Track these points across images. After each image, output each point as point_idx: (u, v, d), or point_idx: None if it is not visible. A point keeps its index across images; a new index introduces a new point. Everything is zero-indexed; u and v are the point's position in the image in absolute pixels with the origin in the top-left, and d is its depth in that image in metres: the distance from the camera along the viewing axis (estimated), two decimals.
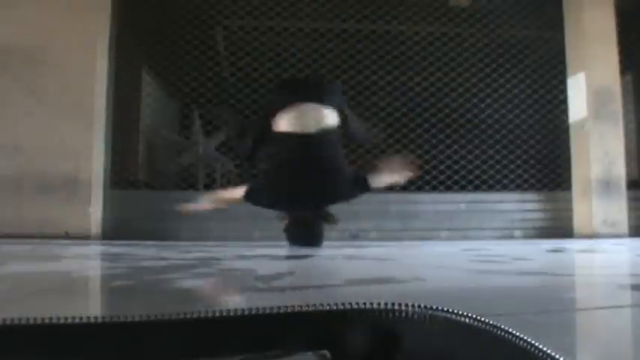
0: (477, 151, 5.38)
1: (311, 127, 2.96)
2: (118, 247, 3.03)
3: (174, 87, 5.96)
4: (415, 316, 0.33)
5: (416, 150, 5.28)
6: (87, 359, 0.31)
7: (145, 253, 2.60)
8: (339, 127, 3.07)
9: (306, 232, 3.13)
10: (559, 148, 5.29)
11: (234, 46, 5.59)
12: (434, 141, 5.42)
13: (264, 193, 3.03)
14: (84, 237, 4.02)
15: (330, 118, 3.02)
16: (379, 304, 0.33)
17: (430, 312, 0.33)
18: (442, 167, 5.25)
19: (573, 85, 4.90)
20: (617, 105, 4.74)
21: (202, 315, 0.32)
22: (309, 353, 0.33)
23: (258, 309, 0.33)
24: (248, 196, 3.06)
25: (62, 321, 0.31)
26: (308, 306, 0.34)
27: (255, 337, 0.33)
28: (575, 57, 4.92)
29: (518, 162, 5.23)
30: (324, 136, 2.97)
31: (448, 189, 5.10)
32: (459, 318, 0.33)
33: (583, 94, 4.76)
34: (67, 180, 4.13)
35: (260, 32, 5.53)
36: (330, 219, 3.13)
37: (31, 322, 0.30)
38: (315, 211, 3.09)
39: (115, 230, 4.32)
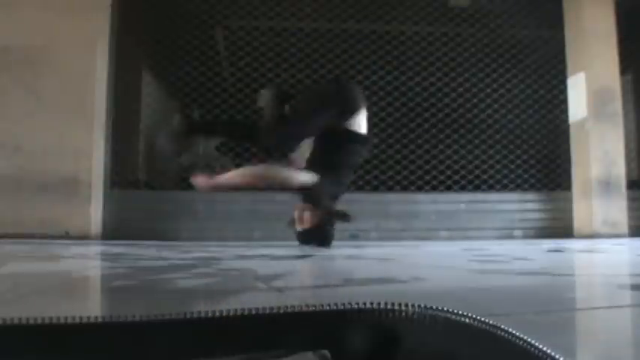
0: (477, 151, 5.38)
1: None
2: (118, 247, 3.03)
3: (174, 87, 5.96)
4: (415, 316, 0.33)
5: (416, 150, 5.29)
6: (87, 359, 0.31)
7: (145, 253, 2.60)
8: None
9: (326, 233, 3.15)
10: (559, 148, 5.29)
11: (234, 46, 5.59)
12: (434, 141, 5.42)
13: (326, 190, 3.14)
14: (84, 237, 4.02)
15: None
16: (379, 304, 0.33)
17: (430, 312, 0.33)
18: (442, 167, 5.25)
19: (573, 85, 4.90)
20: (617, 105, 4.74)
21: (202, 315, 0.32)
22: (309, 353, 0.33)
23: (258, 309, 0.33)
24: (310, 191, 3.09)
25: (62, 321, 0.31)
26: (308, 306, 0.34)
27: (255, 337, 0.33)
28: (575, 57, 4.92)
29: (518, 162, 5.23)
30: None
31: (448, 189, 5.10)
32: (459, 318, 0.33)
33: (583, 94, 4.76)
34: (67, 180, 4.13)
35: (260, 32, 5.53)
36: (347, 216, 3.13)
37: (31, 322, 0.30)
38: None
39: (115, 230, 4.32)
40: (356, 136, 3.13)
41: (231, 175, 3.17)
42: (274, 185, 3.21)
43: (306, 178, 3.03)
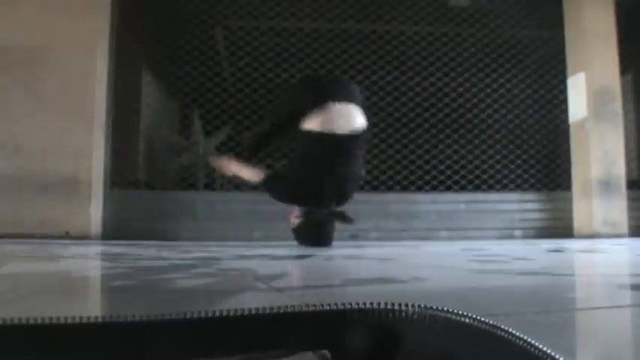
0: (477, 151, 5.38)
1: (343, 129, 2.98)
2: (118, 247, 3.03)
3: (174, 87, 5.96)
4: (415, 316, 0.33)
5: (416, 150, 5.29)
6: (87, 359, 0.31)
7: (145, 253, 2.60)
8: (365, 130, 3.10)
9: (318, 232, 3.15)
10: (559, 148, 5.30)
11: (234, 46, 5.59)
12: (434, 141, 5.42)
13: (287, 187, 3.10)
14: (84, 237, 4.02)
15: (360, 119, 3.06)
16: (379, 304, 0.33)
17: (430, 312, 0.33)
18: (442, 167, 5.25)
19: (573, 85, 4.90)
20: (617, 105, 4.74)
21: (202, 315, 0.32)
22: (309, 353, 0.33)
23: (258, 309, 0.33)
24: (267, 184, 3.15)
25: (62, 321, 0.31)
26: (308, 306, 0.34)
27: (255, 337, 0.33)
28: (575, 57, 4.92)
29: (518, 162, 5.23)
30: (353, 138, 3.01)
31: (448, 189, 5.10)
32: (459, 318, 0.33)
33: (583, 94, 4.76)
34: (67, 180, 4.13)
35: (260, 32, 5.53)
36: (347, 219, 3.13)
37: (31, 322, 0.30)
38: (332, 210, 3.13)
39: (115, 230, 4.32)
40: (317, 135, 3.03)
41: (243, 171, 3.33)
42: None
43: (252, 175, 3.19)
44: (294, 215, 3.24)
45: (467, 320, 0.33)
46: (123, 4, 4.68)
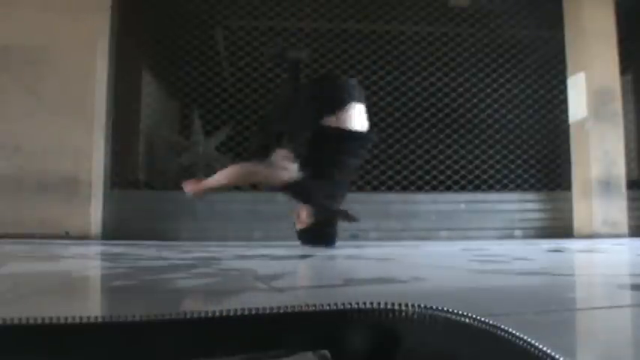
0: (477, 151, 5.38)
1: (359, 127, 3.09)
2: (118, 247, 3.03)
3: (174, 87, 5.96)
4: (415, 316, 0.33)
5: (416, 150, 5.29)
6: (87, 359, 0.31)
7: (145, 253, 2.60)
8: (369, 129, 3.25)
9: (330, 232, 3.16)
10: (559, 148, 5.29)
11: (234, 46, 5.59)
12: (434, 141, 5.42)
13: (307, 186, 3.06)
14: (84, 237, 4.02)
15: (365, 120, 3.18)
16: (379, 304, 0.33)
17: (430, 312, 0.33)
18: (442, 167, 5.25)
19: (573, 85, 4.90)
20: (617, 105, 4.74)
21: (202, 315, 0.32)
22: (309, 353, 0.33)
23: (258, 309, 0.33)
24: (291, 188, 3.09)
25: (62, 321, 0.31)
26: (308, 306, 0.34)
27: (255, 337, 0.33)
28: (575, 57, 4.92)
29: (518, 162, 5.22)
30: (365, 136, 3.18)
31: (448, 189, 5.10)
32: (459, 318, 0.33)
33: (583, 94, 4.76)
34: (67, 180, 4.13)
35: (260, 32, 5.52)
36: (351, 217, 3.12)
37: (31, 322, 0.30)
38: (339, 209, 3.16)
39: (115, 230, 4.32)
40: (341, 133, 3.02)
41: (217, 177, 3.23)
42: (258, 182, 3.38)
43: (287, 175, 3.02)
44: (306, 214, 3.19)
45: (467, 320, 0.33)
46: (123, 7, 4.68)
